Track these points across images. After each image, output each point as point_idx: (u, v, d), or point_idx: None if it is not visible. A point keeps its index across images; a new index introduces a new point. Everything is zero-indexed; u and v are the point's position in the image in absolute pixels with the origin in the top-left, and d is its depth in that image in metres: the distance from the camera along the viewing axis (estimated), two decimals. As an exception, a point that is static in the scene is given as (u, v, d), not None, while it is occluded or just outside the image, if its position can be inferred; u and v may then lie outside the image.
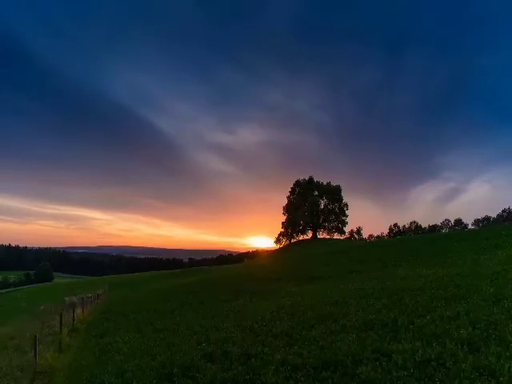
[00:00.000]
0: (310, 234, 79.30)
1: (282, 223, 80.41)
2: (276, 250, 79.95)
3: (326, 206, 79.08)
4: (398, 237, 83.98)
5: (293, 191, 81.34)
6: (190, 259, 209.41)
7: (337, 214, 78.22)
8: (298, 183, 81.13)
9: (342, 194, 78.91)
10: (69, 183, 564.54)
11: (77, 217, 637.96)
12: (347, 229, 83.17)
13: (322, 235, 78.54)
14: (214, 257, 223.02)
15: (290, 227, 78.91)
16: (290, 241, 79.27)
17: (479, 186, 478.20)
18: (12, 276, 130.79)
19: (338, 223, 78.37)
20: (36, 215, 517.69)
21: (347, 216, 78.30)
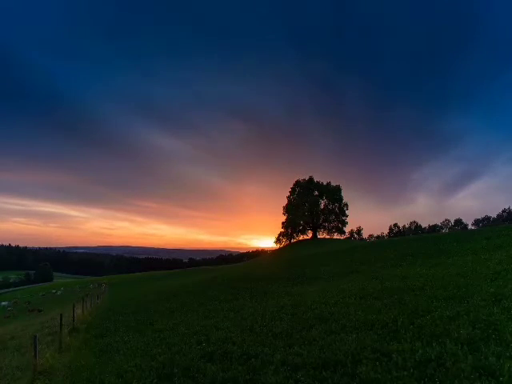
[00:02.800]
0: (310, 234, 79.35)
1: (282, 223, 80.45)
2: (276, 249, 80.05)
3: (326, 206, 79.11)
4: (398, 237, 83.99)
5: (293, 191, 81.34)
6: (190, 259, 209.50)
7: (337, 214, 78.24)
8: (297, 183, 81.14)
9: (341, 193, 79.07)
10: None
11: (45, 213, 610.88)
12: (347, 229, 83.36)
13: (322, 235, 78.60)
14: (214, 257, 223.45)
15: (290, 227, 78.91)
16: (290, 241, 79.26)
17: (501, 168, 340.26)
18: (12, 276, 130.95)
19: (338, 223, 78.40)
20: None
21: (347, 216, 78.46)
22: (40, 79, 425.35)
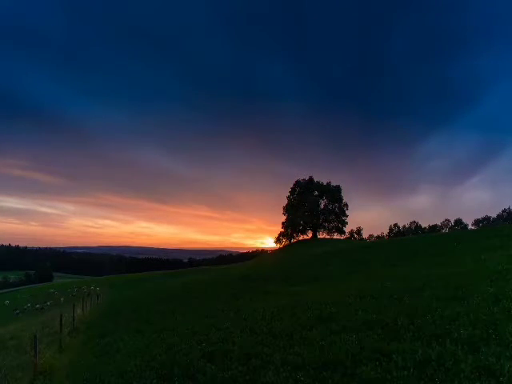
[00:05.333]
0: (310, 234, 79.41)
1: (282, 223, 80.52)
2: (276, 249, 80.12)
3: (325, 205, 79.18)
4: (398, 237, 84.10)
5: (293, 191, 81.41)
6: (190, 259, 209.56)
7: (337, 214, 78.30)
8: (297, 183, 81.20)
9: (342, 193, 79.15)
10: None
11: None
12: (347, 229, 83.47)
13: (322, 235, 78.68)
14: (214, 257, 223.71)
15: (290, 227, 78.96)
16: (290, 241, 79.32)
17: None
18: (12, 276, 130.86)
19: (338, 223, 78.47)
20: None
21: (347, 216, 78.54)
22: None
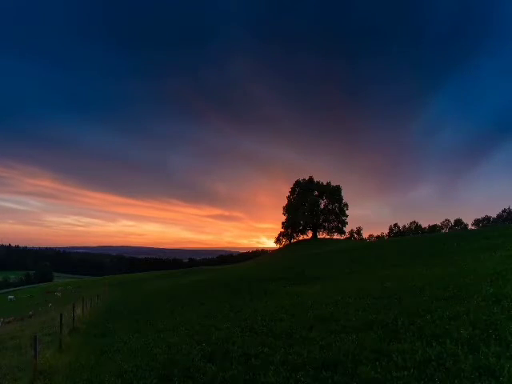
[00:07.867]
0: (309, 234, 79.50)
1: (282, 223, 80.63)
2: (276, 250, 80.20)
3: (325, 205, 79.23)
4: (398, 237, 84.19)
5: (293, 191, 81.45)
6: (190, 259, 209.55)
7: (337, 214, 78.35)
8: (297, 183, 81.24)
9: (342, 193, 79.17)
10: None
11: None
12: (347, 229, 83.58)
13: (322, 235, 78.77)
14: (214, 257, 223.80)
15: (290, 227, 79.06)
16: (290, 241, 79.44)
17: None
18: (12, 276, 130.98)
19: (338, 223, 78.54)
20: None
21: (347, 216, 78.57)
22: None
